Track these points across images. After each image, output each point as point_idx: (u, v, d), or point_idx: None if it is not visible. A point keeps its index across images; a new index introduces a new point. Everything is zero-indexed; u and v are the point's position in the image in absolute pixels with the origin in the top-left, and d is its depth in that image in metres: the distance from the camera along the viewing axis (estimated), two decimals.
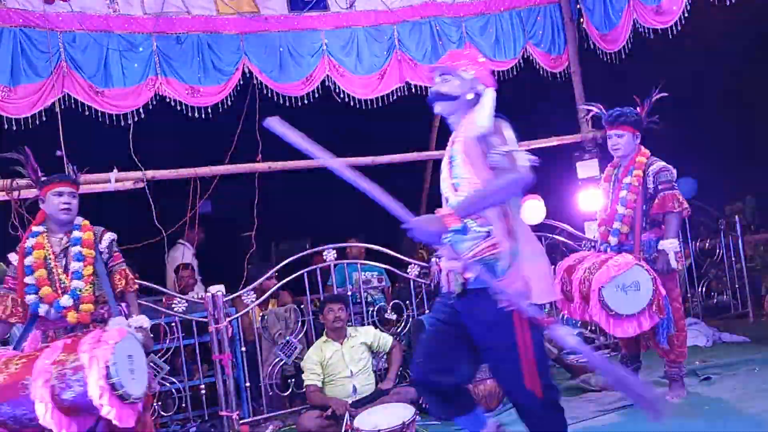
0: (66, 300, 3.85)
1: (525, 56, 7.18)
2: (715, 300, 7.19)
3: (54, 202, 3.94)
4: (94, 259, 3.96)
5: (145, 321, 3.96)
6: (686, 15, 6.18)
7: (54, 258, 3.93)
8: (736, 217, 7.38)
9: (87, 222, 4.08)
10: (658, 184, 4.55)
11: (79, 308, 3.87)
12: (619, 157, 4.74)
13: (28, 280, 3.88)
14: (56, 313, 3.86)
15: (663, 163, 4.61)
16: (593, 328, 6.46)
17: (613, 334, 4.55)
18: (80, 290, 3.87)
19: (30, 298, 3.87)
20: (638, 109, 4.76)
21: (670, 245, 4.48)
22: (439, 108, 3.10)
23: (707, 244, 7.25)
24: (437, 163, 8.53)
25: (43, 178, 4.02)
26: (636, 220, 4.57)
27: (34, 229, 4.02)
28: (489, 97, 3.04)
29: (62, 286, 3.88)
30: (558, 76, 7.31)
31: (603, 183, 4.89)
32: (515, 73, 7.11)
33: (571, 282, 4.60)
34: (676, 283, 4.66)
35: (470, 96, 3.04)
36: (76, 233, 3.99)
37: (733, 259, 7.11)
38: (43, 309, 3.86)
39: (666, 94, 4.74)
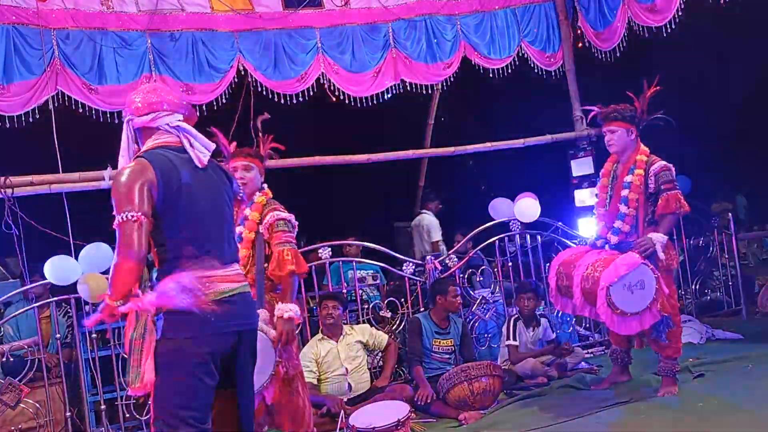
0: None
1: (520, 54, 7.19)
2: (708, 297, 7.21)
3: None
4: (253, 240, 3.69)
5: (288, 310, 3.55)
6: (680, 14, 6.20)
7: None
8: (729, 215, 7.41)
9: (262, 199, 3.82)
10: (660, 184, 4.52)
11: None
12: (614, 152, 4.72)
13: None
14: None
15: (664, 162, 4.58)
16: (587, 324, 6.49)
17: (616, 332, 4.57)
18: None
19: None
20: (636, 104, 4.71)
21: (658, 238, 4.46)
22: None
23: (701, 242, 7.28)
24: (432, 160, 8.56)
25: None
26: (639, 219, 4.59)
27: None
28: (125, 131, 2.74)
29: None
30: (553, 74, 7.33)
31: (601, 178, 4.86)
32: (510, 71, 7.12)
33: (570, 277, 4.63)
34: (672, 281, 4.72)
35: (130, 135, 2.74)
36: (246, 211, 3.77)
37: (727, 256, 7.14)
38: None
39: (659, 88, 4.68)
